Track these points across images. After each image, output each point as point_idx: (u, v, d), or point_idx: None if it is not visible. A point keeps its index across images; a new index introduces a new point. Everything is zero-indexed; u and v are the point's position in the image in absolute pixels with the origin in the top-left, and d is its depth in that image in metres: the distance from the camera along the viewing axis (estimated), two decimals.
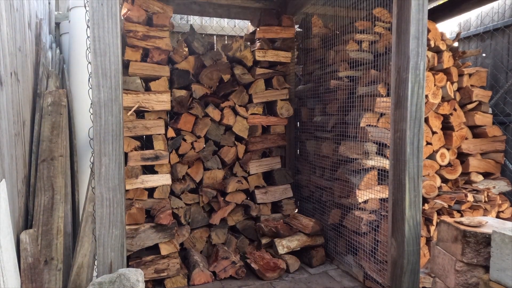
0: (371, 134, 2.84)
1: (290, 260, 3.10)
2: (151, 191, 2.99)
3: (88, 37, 1.82)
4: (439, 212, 3.09)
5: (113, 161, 1.86)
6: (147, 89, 2.90)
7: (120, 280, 1.73)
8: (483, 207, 3.11)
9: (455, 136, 3.21)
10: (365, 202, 2.89)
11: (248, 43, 3.61)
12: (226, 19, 4.55)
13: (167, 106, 2.89)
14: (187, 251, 3.18)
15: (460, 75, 3.31)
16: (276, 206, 3.59)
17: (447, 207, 3.03)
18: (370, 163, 2.85)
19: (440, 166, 3.20)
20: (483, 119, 3.34)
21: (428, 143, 3.15)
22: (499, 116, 3.67)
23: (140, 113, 2.96)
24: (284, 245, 3.12)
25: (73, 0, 3.02)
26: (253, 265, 3.03)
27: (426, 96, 2.98)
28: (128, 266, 2.59)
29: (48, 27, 3.52)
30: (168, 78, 2.98)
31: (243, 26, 4.52)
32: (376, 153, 2.90)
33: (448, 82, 3.16)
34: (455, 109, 3.25)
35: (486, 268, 2.07)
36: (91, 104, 1.84)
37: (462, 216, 3.07)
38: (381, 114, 2.91)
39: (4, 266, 1.66)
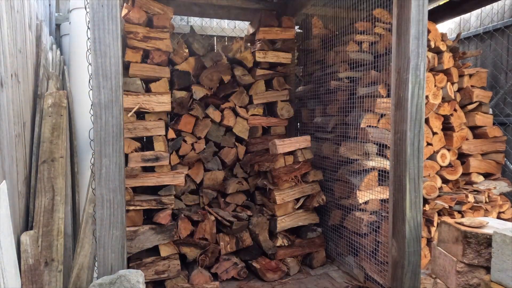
0: (371, 135, 2.84)
1: (291, 263, 3.10)
2: None
3: (88, 38, 1.82)
4: (440, 213, 3.08)
5: (114, 162, 1.86)
6: (148, 91, 2.90)
7: (121, 282, 1.72)
8: (484, 208, 3.11)
9: (456, 137, 3.21)
10: (366, 203, 2.88)
11: (249, 44, 3.61)
12: (226, 20, 4.56)
13: (168, 107, 2.89)
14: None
15: (461, 75, 3.31)
16: None
17: (447, 208, 3.03)
18: (370, 164, 2.84)
19: (441, 166, 3.20)
20: (483, 119, 3.34)
21: (428, 144, 3.15)
22: (500, 116, 3.67)
23: (141, 114, 2.96)
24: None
25: (74, 1, 3.02)
26: (254, 264, 3.03)
27: (427, 97, 2.99)
28: (128, 267, 2.59)
29: (49, 29, 3.53)
30: (169, 79, 2.98)
31: (243, 27, 4.53)
32: (377, 154, 2.90)
33: (449, 83, 3.16)
34: (455, 110, 3.25)
35: (487, 269, 2.07)
36: (92, 105, 1.84)
37: (462, 217, 3.07)
38: (382, 115, 2.91)
39: (5, 268, 1.66)
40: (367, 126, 2.90)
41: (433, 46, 3.12)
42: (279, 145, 2.97)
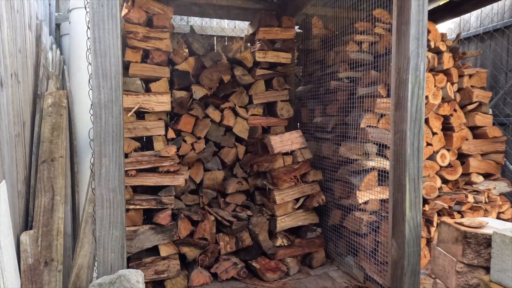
0: (371, 135, 2.84)
1: (291, 263, 3.10)
2: None
3: (88, 38, 1.82)
4: (440, 213, 3.08)
5: (113, 162, 1.86)
6: (147, 90, 2.90)
7: (120, 281, 1.72)
8: (484, 208, 3.11)
9: (456, 137, 3.21)
10: (366, 203, 2.89)
11: (248, 44, 3.61)
12: (226, 20, 4.56)
13: (167, 107, 2.89)
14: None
15: (460, 76, 3.31)
16: None
17: (447, 208, 3.03)
18: (370, 164, 2.84)
19: (441, 167, 3.20)
20: (483, 120, 3.34)
21: (428, 144, 3.15)
22: (499, 116, 3.67)
23: (140, 114, 2.96)
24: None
25: (74, 1, 3.02)
26: (254, 264, 3.03)
27: (426, 97, 2.99)
28: (128, 267, 2.59)
29: (49, 28, 3.53)
30: (168, 79, 2.98)
31: (243, 27, 4.53)
32: (376, 154, 2.90)
33: (448, 83, 3.16)
34: (455, 110, 3.25)
35: (487, 269, 2.07)
36: (91, 105, 1.84)
37: (462, 217, 3.07)
38: (381, 115, 2.91)
39: (4, 267, 1.66)
40: (367, 126, 2.90)
41: (433, 46, 3.12)
42: (274, 141, 3.02)
